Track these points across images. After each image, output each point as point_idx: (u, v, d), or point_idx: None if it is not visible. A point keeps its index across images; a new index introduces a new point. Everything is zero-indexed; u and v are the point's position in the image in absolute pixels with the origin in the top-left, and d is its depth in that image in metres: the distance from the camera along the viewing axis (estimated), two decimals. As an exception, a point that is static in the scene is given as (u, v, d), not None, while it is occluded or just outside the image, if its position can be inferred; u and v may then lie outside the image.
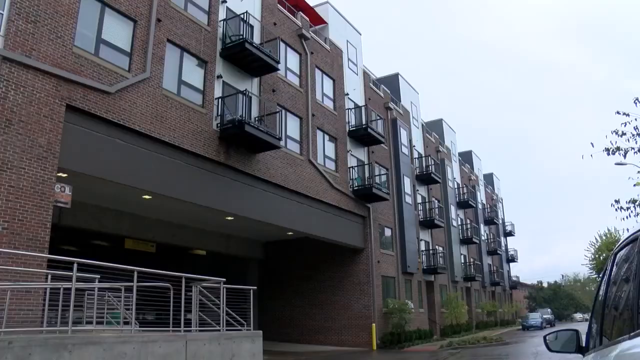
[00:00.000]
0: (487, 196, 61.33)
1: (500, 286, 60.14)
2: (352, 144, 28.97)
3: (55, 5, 14.02)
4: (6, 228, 11.92)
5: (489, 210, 59.29)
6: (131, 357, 9.65)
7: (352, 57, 30.95)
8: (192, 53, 18.76)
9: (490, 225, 59.40)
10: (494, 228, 61.38)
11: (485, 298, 53.68)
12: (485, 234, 57.03)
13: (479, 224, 53.13)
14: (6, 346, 7.75)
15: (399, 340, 27.66)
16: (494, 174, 69.40)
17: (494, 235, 60.51)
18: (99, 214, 19.68)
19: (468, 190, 49.92)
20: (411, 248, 33.15)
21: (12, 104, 12.59)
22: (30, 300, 11.68)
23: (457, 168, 50.48)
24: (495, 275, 57.50)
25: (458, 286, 43.52)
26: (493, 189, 66.31)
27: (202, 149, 18.21)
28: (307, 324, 28.88)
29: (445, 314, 38.39)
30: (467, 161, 57.03)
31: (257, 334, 13.65)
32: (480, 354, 23.91)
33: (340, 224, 26.74)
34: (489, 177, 67.69)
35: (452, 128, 51.77)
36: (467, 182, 52.50)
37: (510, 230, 68.34)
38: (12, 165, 12.32)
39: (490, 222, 58.83)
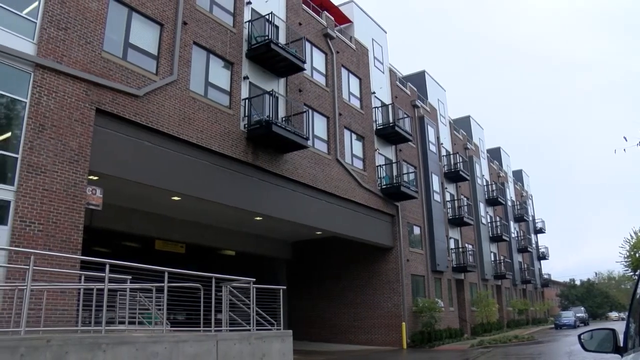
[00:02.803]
0: (516, 193, 60.54)
1: (531, 284, 59.32)
2: (380, 142, 28.88)
3: (84, 11, 14.27)
4: (41, 230, 12.18)
5: (519, 207, 58.54)
6: (163, 356, 9.76)
7: (378, 56, 30.85)
8: (218, 55, 18.89)
9: (520, 222, 58.67)
10: (524, 225, 60.60)
11: (516, 296, 53.00)
12: (515, 231, 56.31)
13: (508, 221, 52.48)
14: (45, 344, 7.92)
15: (429, 339, 27.48)
16: (523, 171, 68.51)
17: (524, 232, 59.74)
18: (129, 215, 19.93)
19: (497, 187, 49.34)
20: (440, 246, 32.91)
21: (44, 109, 12.86)
22: (65, 300, 11.92)
23: (486, 165, 49.95)
24: (526, 273, 56.71)
25: (488, 284, 43.04)
26: (522, 186, 65.44)
27: (230, 149, 18.33)
28: (336, 323, 28.87)
29: (476, 313, 38.00)
30: (496, 158, 56.38)
31: (287, 334, 13.68)
32: (512, 353, 23.55)
33: (369, 223, 26.67)
34: (518, 173, 66.85)
35: (479, 125, 51.26)
36: (496, 179, 51.92)
37: (541, 227, 67.39)
38: (45, 169, 12.58)
39: (520, 219, 58.09)
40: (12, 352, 7.46)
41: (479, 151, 48.15)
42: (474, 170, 43.73)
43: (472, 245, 40.66)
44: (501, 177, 53.88)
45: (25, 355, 7.57)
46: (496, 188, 48.96)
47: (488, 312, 38.04)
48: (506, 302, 48.33)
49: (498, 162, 56.05)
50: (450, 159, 39.10)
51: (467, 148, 44.03)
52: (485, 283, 42.39)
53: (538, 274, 64.48)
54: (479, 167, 45.72)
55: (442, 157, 38.07)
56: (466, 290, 37.97)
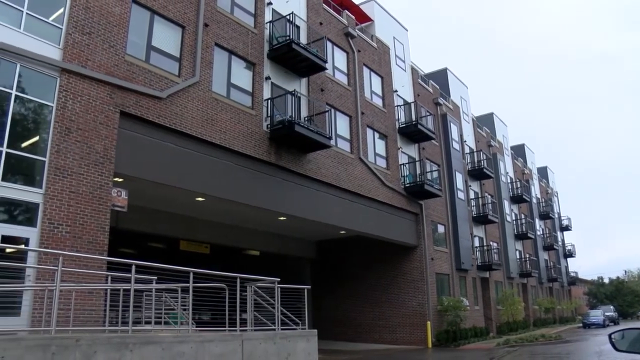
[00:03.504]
0: (541, 190, 59.82)
1: (557, 282, 58.52)
2: (403, 141, 28.77)
3: (107, 16, 14.45)
4: (68, 232, 12.36)
5: (544, 205, 57.84)
6: (189, 356, 9.84)
7: (399, 54, 30.73)
8: (240, 56, 18.98)
9: (545, 219, 57.95)
10: (549, 223, 59.85)
11: (543, 294, 52.34)
12: (541, 228, 55.62)
13: (533, 218, 51.88)
14: (74, 344, 8.06)
15: (454, 338, 27.29)
16: (548, 167, 67.68)
17: (550, 230, 58.98)
18: (154, 216, 20.13)
19: (522, 184, 48.83)
20: (465, 244, 32.68)
21: (70, 112, 13.05)
22: (92, 300, 12.08)
23: (510, 162, 49.45)
24: (553, 271, 55.93)
25: (514, 282, 42.56)
26: (547, 183, 64.66)
27: (253, 150, 18.41)
28: (361, 323, 28.84)
29: (501, 311, 37.60)
30: (520, 155, 55.79)
31: (311, 333, 13.70)
32: (539, 352, 23.24)
33: (393, 222, 26.59)
34: (543, 170, 66.07)
35: (503, 122, 50.74)
36: (521, 176, 51.38)
37: (567, 224, 66.47)
38: (72, 172, 12.77)
39: (545, 217, 57.38)
40: (44, 350, 7.63)
41: (503, 148, 47.68)
42: (498, 167, 43.31)
43: (496, 243, 40.26)
44: (526, 174, 53.31)
45: (57, 354, 7.72)
46: (521, 185, 48.44)
47: (514, 311, 37.62)
48: (532, 301, 47.76)
49: (522, 159, 55.45)
50: (473, 156, 38.80)
51: (491, 145, 43.63)
52: (511, 281, 41.93)
53: (564, 272, 63.59)
54: (503, 164, 45.26)
55: (466, 154, 37.79)
56: (491, 289, 37.62)
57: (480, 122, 45.28)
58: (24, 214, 12.04)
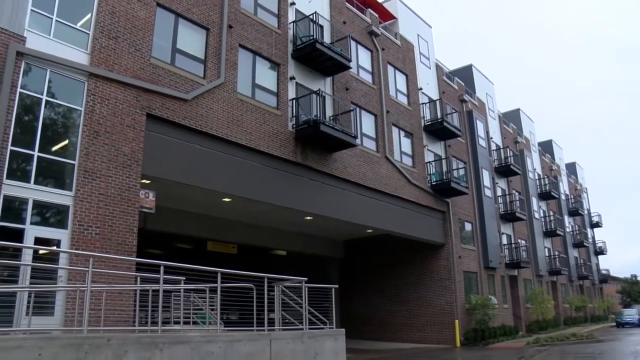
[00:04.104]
0: (570, 186, 58.89)
1: (588, 280, 57.49)
2: (428, 138, 28.61)
3: (133, 20, 14.65)
4: (98, 233, 12.56)
5: (573, 201, 56.88)
6: (218, 355, 9.91)
7: (423, 51, 30.56)
8: (264, 56, 19.06)
9: (575, 216, 57.01)
10: (579, 219, 58.88)
11: (573, 293, 51.46)
12: (570, 225, 54.74)
13: (562, 215, 51.09)
14: (105, 343, 8.19)
15: (482, 337, 27.02)
16: (576, 163, 66.56)
17: (580, 226, 58.06)
18: (181, 217, 20.30)
19: (550, 180, 48.11)
20: (493, 242, 32.35)
21: (98, 116, 13.27)
22: (122, 301, 12.26)
23: (537, 158, 48.77)
24: (583, 269, 54.95)
25: (543, 280, 41.98)
26: (576, 179, 63.62)
27: (278, 150, 18.47)
28: (388, 322, 28.77)
29: (531, 310, 37.11)
30: (548, 151, 55.01)
31: (339, 332, 13.70)
32: (570, 352, 22.82)
33: (420, 220, 26.47)
34: (572, 166, 65.01)
35: (530, 118, 50.08)
36: (549, 172, 50.65)
37: (597, 221, 65.30)
38: (100, 174, 12.97)
39: (574, 213, 56.43)
40: (77, 349, 7.78)
41: (530, 144, 47.09)
42: (525, 164, 42.78)
43: (525, 240, 39.75)
44: (554, 170, 52.53)
45: (89, 353, 7.86)
46: (549, 182, 47.75)
47: (543, 309, 37.06)
48: (562, 299, 47.06)
49: (550, 155, 54.67)
50: (500, 153, 38.37)
51: (518, 142, 43.10)
52: (540, 279, 41.38)
53: (595, 270, 62.47)
54: (530, 160, 44.69)
55: (492, 151, 37.39)
56: (520, 287, 37.17)
57: (507, 118, 44.78)
58: (55, 216, 12.27)
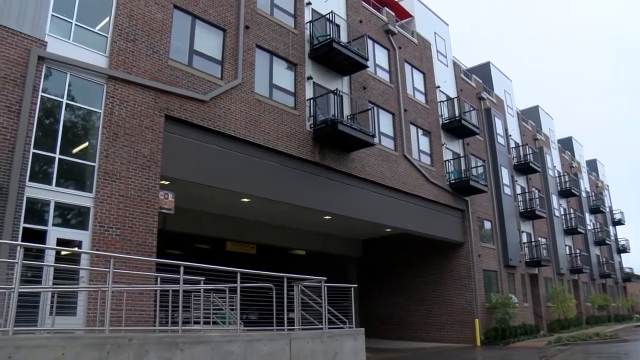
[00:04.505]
0: (591, 184, 58.12)
1: (611, 278, 56.63)
2: (447, 136, 28.46)
3: (150, 22, 14.76)
4: (118, 234, 12.68)
5: (594, 198, 56.15)
6: (238, 355, 9.95)
7: (440, 49, 30.40)
8: (281, 56, 19.09)
9: (596, 214, 56.27)
10: (600, 217, 58.09)
11: (595, 291, 50.72)
12: (592, 223, 54.02)
13: (583, 213, 50.47)
14: (127, 343, 8.27)
15: (503, 336, 26.78)
16: (597, 160, 65.68)
17: (602, 224, 57.27)
18: (200, 218, 20.42)
19: (570, 178, 47.54)
20: (512, 240, 32.07)
21: (117, 118, 13.39)
22: (143, 301, 12.36)
23: (557, 156, 48.24)
24: (605, 267, 54.17)
25: (564, 279, 41.49)
26: (597, 176, 62.80)
27: (296, 150, 18.50)
28: (408, 321, 28.67)
29: (552, 309, 36.67)
30: (568, 148, 54.36)
31: (359, 332, 13.68)
32: (593, 352, 22.31)
33: (439, 219, 26.34)
34: (592, 163, 64.17)
35: (549, 115, 49.55)
36: (569, 169, 50.07)
37: (620, 218, 64.37)
38: (120, 176, 13.09)
39: (596, 211, 55.70)
40: (100, 349, 7.87)
41: (550, 142, 46.61)
42: (545, 161, 42.36)
43: (545, 238, 39.34)
44: (574, 167, 51.93)
45: (111, 352, 7.94)
46: (569, 179, 47.19)
47: (565, 308, 36.58)
48: (584, 298, 46.46)
49: (570, 152, 54.03)
50: (519, 150, 38.01)
51: (537, 139, 42.69)
52: (561, 277, 40.93)
53: (618, 268, 61.61)
54: (550, 158, 44.23)
55: (511, 149, 37.06)
56: (541, 285, 36.78)
57: (526, 115, 44.38)
58: (76, 217, 12.41)
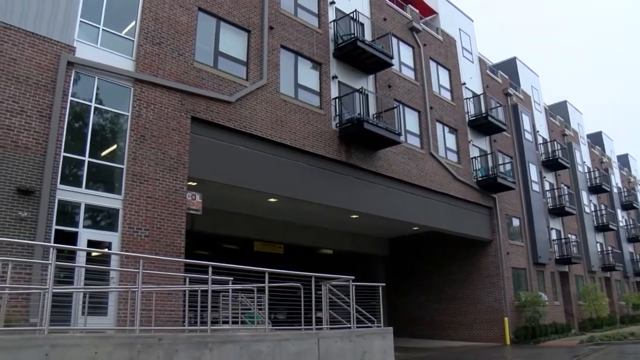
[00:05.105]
0: (622, 179, 56.88)
1: (646, 276, 55.53)
2: (473, 134, 28.20)
3: (175, 25, 14.90)
4: (147, 235, 12.83)
5: (626, 194, 54.97)
6: (266, 355, 9.98)
7: (466, 45, 30.13)
8: (306, 56, 19.12)
9: (628, 210, 55.02)
10: (633, 213, 56.79)
11: (629, 289, 49.69)
12: (624, 219, 52.89)
13: (615, 209, 49.45)
14: (157, 342, 8.36)
15: (533, 335, 26.38)
16: (629, 155, 64.34)
17: (634, 220, 56.02)
18: (228, 218, 20.54)
19: (600, 173, 46.65)
20: (541, 238, 31.63)
21: (144, 120, 13.55)
22: (172, 301, 12.49)
23: (587, 151, 47.40)
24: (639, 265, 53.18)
25: (596, 277, 40.73)
26: (629, 171, 61.52)
27: (323, 149, 18.51)
28: (436, 319, 28.48)
29: (584, 307, 35.98)
30: (597, 143, 53.36)
31: (387, 331, 13.61)
32: (629, 352, 21.57)
33: (466, 216, 26.11)
34: (624, 158, 62.80)
35: (577, 109, 48.75)
36: (599, 165, 49.15)
37: (654, 214, 63.03)
38: (148, 178, 13.24)
39: (628, 207, 54.47)
40: (130, 348, 7.97)
41: (578, 137, 45.82)
42: (574, 157, 41.66)
43: (575, 235, 38.70)
44: (604, 162, 50.95)
45: (141, 352, 8.03)
46: (599, 175, 46.32)
47: (597, 307, 35.83)
48: (618, 296, 45.56)
49: (600, 147, 53.05)
50: (547, 146, 37.46)
51: (565, 134, 42.03)
52: (592, 275, 40.20)
53: (654, 265, 60.26)
54: (579, 153, 43.51)
55: (539, 145, 36.55)
56: (571, 283, 36.17)
57: (553, 111, 43.72)
58: (106, 219, 12.59)
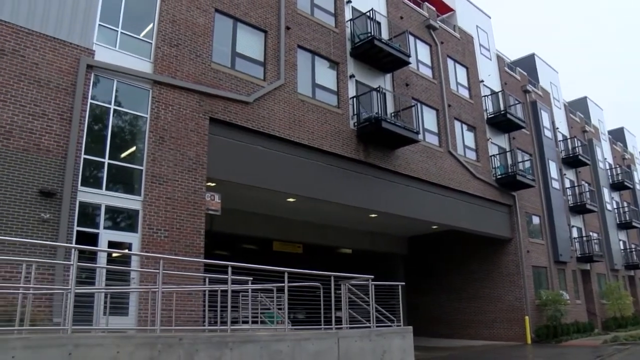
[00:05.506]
0: (646, 175, 56.10)
1: (673, 275, 54.51)
2: (492, 131, 27.99)
3: (192, 27, 14.99)
4: (167, 236, 12.92)
5: (651, 191, 54.19)
6: (286, 354, 9.99)
7: (483, 42, 29.92)
8: (323, 56, 19.12)
9: (653, 207, 54.33)
10: (658, 211, 56.03)
11: (656, 288, 48.95)
12: (648, 217, 52.18)
13: (638, 206, 48.86)
14: (177, 342, 8.41)
15: (555, 334, 26.07)
16: (652, 150, 63.40)
17: (659, 218, 55.26)
18: (247, 219, 20.59)
19: (622, 170, 45.97)
20: (562, 236, 31.30)
21: (163, 122, 13.64)
22: (192, 301, 12.56)
23: (608, 147, 46.75)
24: (666, 263, 52.16)
25: (619, 275, 40.11)
26: (653, 167, 60.59)
27: (341, 148, 18.50)
28: (456, 318, 28.30)
29: (607, 306, 35.46)
30: (619, 139, 52.56)
31: (407, 330, 13.56)
32: (658, 353, 21.22)
33: (485, 215, 25.93)
34: (647, 153, 61.93)
35: (598, 105, 48.08)
36: (621, 161, 48.43)
37: (679, 212, 61.92)
38: (167, 179, 13.33)
39: (652, 204, 53.77)
40: (151, 347, 8.03)
41: (599, 133, 45.21)
42: (595, 153, 41.13)
43: (597, 233, 38.23)
44: (627, 159, 50.20)
45: (162, 352, 8.08)
46: (621, 171, 45.66)
47: (621, 306, 35.22)
48: (643, 295, 44.86)
49: (622, 143, 52.30)
50: (567, 143, 37.03)
51: (586, 131, 41.51)
52: (615, 274, 39.62)
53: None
54: (600, 150, 42.93)
55: (559, 142, 36.18)
56: (593, 282, 35.68)
57: (573, 107, 43.21)
58: (126, 220, 12.70)
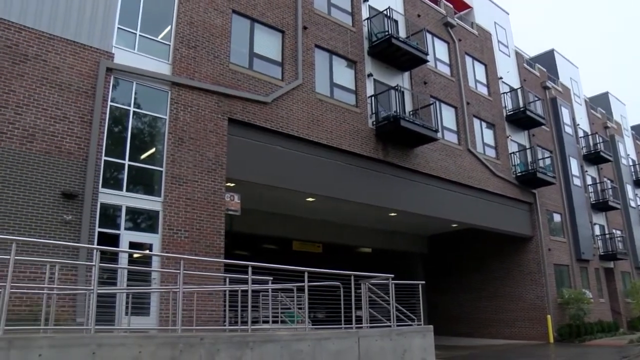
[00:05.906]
0: (673, 172, 55.09)
1: (701, 273, 53.49)
2: (511, 128, 27.76)
3: (210, 29, 15.07)
4: (187, 237, 13.00)
5: (677, 188, 53.22)
6: (307, 354, 9.99)
7: (501, 39, 29.67)
8: (341, 55, 19.11)
9: (679, 204, 53.38)
10: (684, 207, 55.03)
11: (683, 287, 47.98)
12: (675, 214, 51.30)
13: (664, 203, 48.10)
14: (198, 342, 8.46)
15: (578, 333, 25.74)
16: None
17: (686, 215, 54.25)
18: (266, 218, 20.65)
19: (646, 166, 45.39)
20: (584, 233, 30.92)
21: (182, 123, 13.73)
22: (212, 301, 12.63)
23: (631, 143, 46.02)
24: (693, 261, 51.22)
25: (644, 273, 39.61)
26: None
27: (360, 147, 18.47)
28: (476, 317, 28.10)
29: (632, 305, 34.83)
30: (643, 135, 51.91)
31: (427, 329, 13.50)
32: (685, 353, 20.77)
33: (506, 213, 25.72)
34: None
35: (620, 100, 47.37)
36: (645, 157, 47.78)
37: None
38: (187, 180, 13.41)
39: (679, 201, 52.83)
40: (173, 347, 8.09)
41: (622, 129, 44.53)
42: (617, 150, 40.54)
43: (620, 230, 37.69)
44: (651, 155, 49.50)
45: (184, 351, 8.13)
46: (646, 167, 45.06)
47: (647, 305, 34.81)
48: (670, 294, 44.03)
49: (647, 139, 51.56)
50: (588, 140, 36.53)
51: (608, 127, 40.91)
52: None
53: None
54: (623, 146, 42.28)
55: (580, 138, 35.72)
56: (617, 280, 35.16)
57: (594, 103, 42.65)
58: (146, 221, 12.80)
